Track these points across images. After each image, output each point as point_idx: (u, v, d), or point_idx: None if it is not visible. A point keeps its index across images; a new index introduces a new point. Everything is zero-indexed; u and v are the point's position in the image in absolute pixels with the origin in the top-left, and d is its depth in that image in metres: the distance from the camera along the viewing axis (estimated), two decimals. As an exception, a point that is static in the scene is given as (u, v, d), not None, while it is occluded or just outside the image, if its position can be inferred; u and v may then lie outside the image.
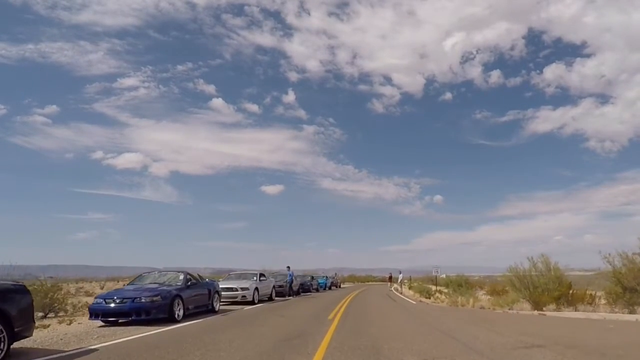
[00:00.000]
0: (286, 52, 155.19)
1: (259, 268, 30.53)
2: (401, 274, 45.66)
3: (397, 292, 35.93)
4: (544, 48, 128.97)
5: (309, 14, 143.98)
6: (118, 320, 10.76)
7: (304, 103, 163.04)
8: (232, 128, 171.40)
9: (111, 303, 10.50)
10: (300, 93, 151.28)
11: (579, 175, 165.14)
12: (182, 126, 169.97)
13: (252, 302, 17.85)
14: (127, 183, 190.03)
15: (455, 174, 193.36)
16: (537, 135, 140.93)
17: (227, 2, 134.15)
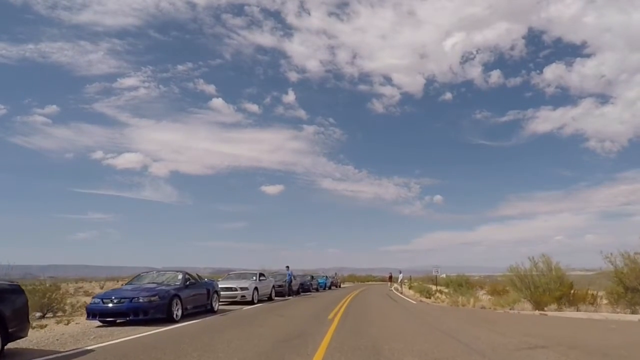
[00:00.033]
0: (286, 52, 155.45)
1: (258, 268, 30.49)
2: (401, 274, 45.53)
3: (397, 292, 35.85)
4: (544, 48, 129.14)
5: (309, 14, 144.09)
6: (116, 321, 10.66)
7: (304, 103, 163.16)
8: (232, 128, 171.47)
9: (109, 303, 10.40)
10: (300, 93, 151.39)
11: (579, 175, 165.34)
12: (182, 126, 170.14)
13: (251, 302, 17.77)
14: (127, 183, 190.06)
15: (455, 174, 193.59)
16: (537, 135, 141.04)
17: (227, 2, 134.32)
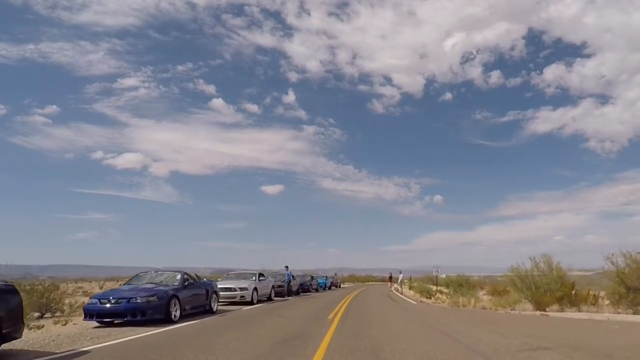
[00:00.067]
0: (286, 52, 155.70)
1: (258, 268, 30.43)
2: (401, 274, 45.44)
3: (398, 292, 35.74)
4: (544, 48, 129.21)
5: (309, 14, 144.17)
6: (114, 321, 10.55)
7: (304, 103, 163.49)
8: (232, 128, 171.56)
9: (106, 303, 10.28)
10: (300, 93, 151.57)
11: (579, 176, 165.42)
12: (182, 126, 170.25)
13: (250, 303, 17.67)
14: (127, 183, 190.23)
15: (455, 174, 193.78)
16: (537, 136, 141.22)
17: (227, 2, 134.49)
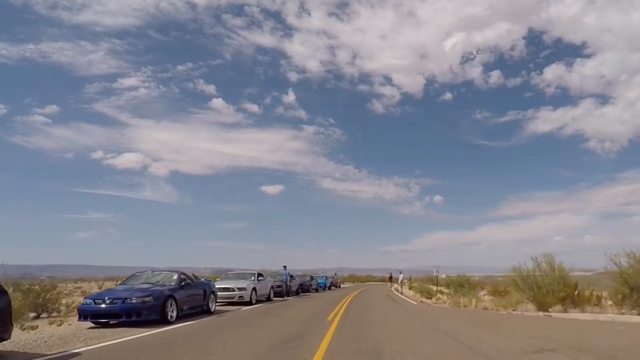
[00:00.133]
0: (286, 52, 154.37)
1: (258, 268, 30.27)
2: (401, 274, 45.21)
3: (398, 292, 35.56)
4: (544, 48, 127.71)
5: (309, 14, 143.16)
6: (109, 322, 10.36)
7: (304, 103, 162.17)
8: (232, 128, 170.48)
9: (101, 304, 10.08)
10: (300, 93, 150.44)
11: (578, 176, 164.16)
12: (182, 126, 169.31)
13: (249, 303, 17.49)
14: (127, 183, 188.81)
15: (455, 174, 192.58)
16: (537, 136, 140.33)
17: (227, 2, 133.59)
